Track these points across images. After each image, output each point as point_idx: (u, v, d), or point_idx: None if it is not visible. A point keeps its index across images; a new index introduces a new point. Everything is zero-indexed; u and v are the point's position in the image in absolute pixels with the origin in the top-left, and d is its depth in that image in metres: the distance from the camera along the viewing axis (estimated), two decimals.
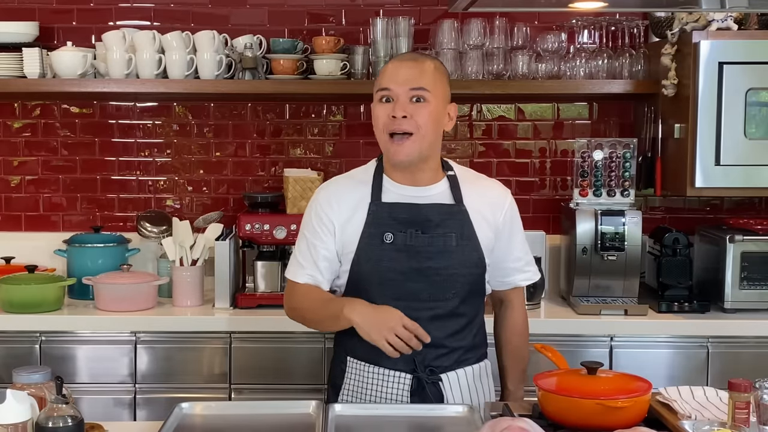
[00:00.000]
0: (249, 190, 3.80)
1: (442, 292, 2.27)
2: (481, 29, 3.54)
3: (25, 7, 3.75)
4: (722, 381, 2.33)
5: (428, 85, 2.23)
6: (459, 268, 2.27)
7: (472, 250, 2.29)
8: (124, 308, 3.27)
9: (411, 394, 2.27)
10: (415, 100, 2.22)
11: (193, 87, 3.53)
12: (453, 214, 2.29)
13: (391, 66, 2.28)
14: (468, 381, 2.34)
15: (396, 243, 2.25)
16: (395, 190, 2.30)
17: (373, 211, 2.27)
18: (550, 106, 3.84)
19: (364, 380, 2.31)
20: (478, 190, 2.35)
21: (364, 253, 2.27)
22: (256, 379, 3.23)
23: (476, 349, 2.38)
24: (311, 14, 3.80)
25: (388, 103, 2.23)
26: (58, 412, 1.82)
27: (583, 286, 3.43)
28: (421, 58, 2.32)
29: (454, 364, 2.31)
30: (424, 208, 2.28)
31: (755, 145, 3.26)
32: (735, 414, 1.95)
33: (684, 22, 3.29)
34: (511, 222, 2.38)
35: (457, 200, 2.31)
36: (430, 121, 2.23)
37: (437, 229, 2.26)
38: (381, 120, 2.24)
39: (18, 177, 3.83)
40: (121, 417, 3.21)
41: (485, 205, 2.34)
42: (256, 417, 2.13)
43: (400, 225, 2.26)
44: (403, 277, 2.25)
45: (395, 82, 2.22)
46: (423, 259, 2.25)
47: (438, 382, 2.29)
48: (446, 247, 2.26)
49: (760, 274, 3.32)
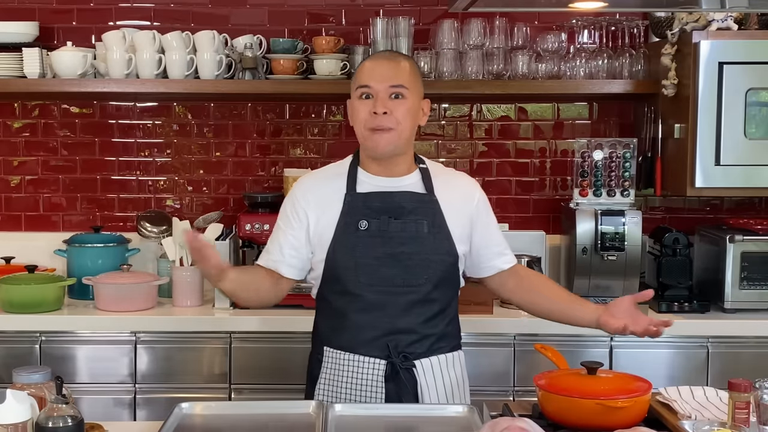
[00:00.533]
0: (249, 190, 3.80)
1: (415, 277, 2.32)
2: (481, 29, 3.54)
3: (25, 7, 3.76)
4: (722, 381, 2.33)
5: (406, 82, 2.31)
6: (431, 254, 2.33)
7: (443, 238, 2.35)
8: (124, 308, 3.27)
9: (385, 380, 2.31)
10: (394, 97, 2.31)
11: (193, 87, 3.53)
12: (425, 203, 2.36)
13: (369, 64, 2.36)
14: (441, 368, 2.37)
15: (370, 230, 2.32)
16: (370, 181, 2.38)
17: (349, 201, 2.35)
18: (550, 106, 3.84)
19: (340, 368, 2.35)
20: (448, 182, 2.43)
21: (339, 240, 2.33)
22: (256, 379, 3.23)
23: (449, 338, 2.41)
24: (311, 14, 3.80)
25: (368, 99, 2.32)
26: (58, 412, 1.82)
27: (583, 286, 3.43)
28: (398, 57, 2.42)
29: (427, 351, 2.35)
30: (397, 195, 2.35)
31: (755, 145, 3.26)
32: (735, 414, 1.95)
33: (684, 22, 3.29)
34: (485, 211, 2.46)
35: (429, 191, 2.38)
36: (408, 116, 2.32)
37: (410, 215, 2.34)
38: (361, 116, 2.33)
39: (18, 177, 3.83)
40: (121, 417, 3.21)
41: (456, 196, 2.41)
42: (256, 417, 2.13)
43: (374, 213, 2.33)
44: (377, 262, 2.31)
45: (375, 80, 2.31)
46: (396, 245, 2.32)
47: (412, 368, 2.32)
48: (418, 233, 2.33)
49: (760, 274, 3.32)
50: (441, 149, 3.85)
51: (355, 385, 2.32)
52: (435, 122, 3.84)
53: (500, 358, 3.23)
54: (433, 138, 3.85)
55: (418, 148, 3.82)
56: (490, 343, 3.23)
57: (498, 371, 3.23)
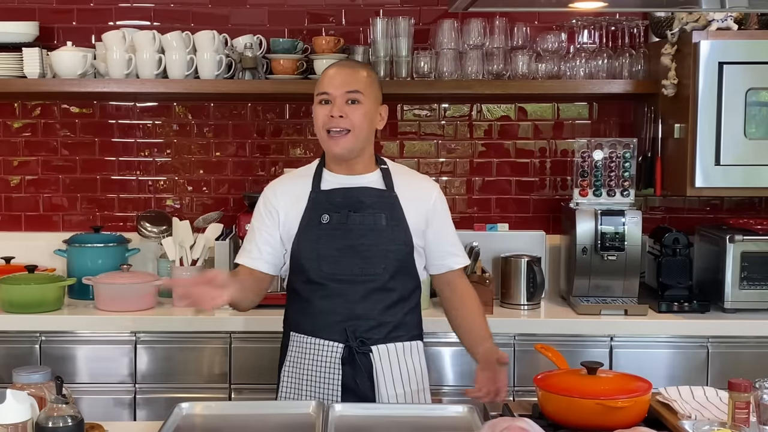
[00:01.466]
0: (249, 190, 3.80)
1: (373, 266, 2.45)
2: (481, 29, 3.54)
3: (25, 7, 3.76)
4: (722, 381, 2.33)
5: (362, 89, 2.46)
6: (388, 244, 2.46)
7: (400, 230, 2.48)
8: (124, 308, 3.27)
9: (342, 363, 2.42)
10: (350, 102, 2.45)
11: (193, 87, 3.53)
12: (384, 198, 2.50)
13: (328, 73, 2.51)
14: (399, 356, 2.47)
15: (332, 223, 2.47)
16: (333, 180, 2.53)
17: (313, 198, 2.50)
18: (550, 106, 3.84)
19: (303, 351, 2.48)
20: (408, 181, 2.57)
21: (303, 233, 2.48)
22: (256, 379, 3.23)
23: (407, 327, 2.52)
24: (311, 14, 3.80)
25: (327, 104, 2.47)
26: (58, 412, 1.82)
27: (583, 286, 3.43)
28: (356, 65, 2.61)
29: (384, 338, 2.46)
30: (357, 191, 2.50)
31: (755, 145, 3.26)
32: (735, 414, 1.96)
33: (684, 22, 3.29)
34: (441, 210, 2.58)
35: (389, 187, 2.52)
36: (364, 120, 2.46)
37: (368, 209, 2.48)
38: (320, 119, 2.48)
39: (18, 177, 3.83)
40: (121, 417, 3.21)
41: (414, 194, 2.54)
42: (256, 417, 2.14)
43: (336, 207, 2.48)
44: (338, 253, 2.45)
45: (332, 86, 2.47)
46: (356, 237, 2.45)
47: (368, 353, 2.43)
48: (377, 225, 2.47)
49: (760, 274, 3.32)
50: (441, 149, 3.85)
51: (315, 367, 2.44)
52: (435, 122, 3.84)
53: None
54: (433, 138, 3.85)
55: (418, 148, 3.83)
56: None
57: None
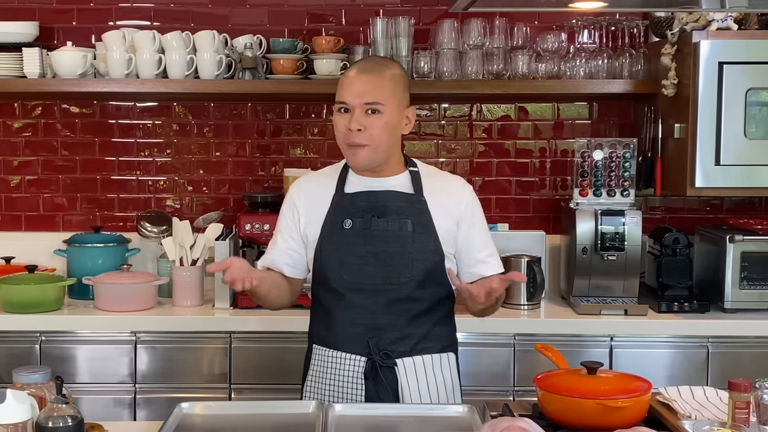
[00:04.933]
0: (249, 190, 3.80)
1: (397, 276, 2.33)
2: (481, 29, 3.54)
3: (25, 7, 3.76)
4: (722, 381, 2.33)
5: (382, 98, 2.30)
6: (414, 253, 2.33)
7: (428, 237, 2.35)
8: (124, 308, 3.27)
9: (365, 377, 2.32)
10: (370, 112, 2.30)
11: (193, 87, 3.53)
12: (412, 203, 2.37)
13: (348, 78, 2.35)
14: (426, 369, 2.36)
15: (354, 228, 2.35)
16: (357, 182, 2.41)
17: (336, 201, 2.39)
18: (550, 106, 3.84)
19: (325, 364, 2.38)
20: (438, 184, 2.43)
21: (325, 239, 2.37)
22: (256, 379, 3.23)
23: (437, 338, 2.39)
24: (311, 14, 3.80)
25: (347, 113, 2.32)
26: (58, 412, 1.82)
27: (583, 286, 3.43)
28: (378, 69, 2.37)
29: (411, 351, 2.35)
30: (382, 194, 2.37)
31: (755, 145, 3.26)
32: (735, 414, 1.95)
33: (684, 22, 3.29)
34: (472, 213, 2.42)
35: (417, 191, 2.39)
36: (384, 132, 2.31)
37: (394, 214, 2.35)
38: (339, 130, 2.34)
39: (18, 177, 3.83)
40: (121, 417, 3.21)
41: (445, 198, 2.40)
42: (256, 417, 2.13)
43: (360, 212, 2.36)
44: (360, 261, 2.33)
45: (350, 95, 2.31)
46: (379, 243, 2.33)
47: (393, 366, 2.33)
48: (402, 232, 2.34)
49: (760, 274, 3.32)
50: (441, 149, 3.85)
51: (337, 382, 2.35)
52: (435, 122, 3.84)
53: (500, 358, 3.23)
54: (433, 138, 3.85)
55: (418, 148, 3.83)
56: (489, 343, 3.23)
57: (498, 371, 3.23)
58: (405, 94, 2.38)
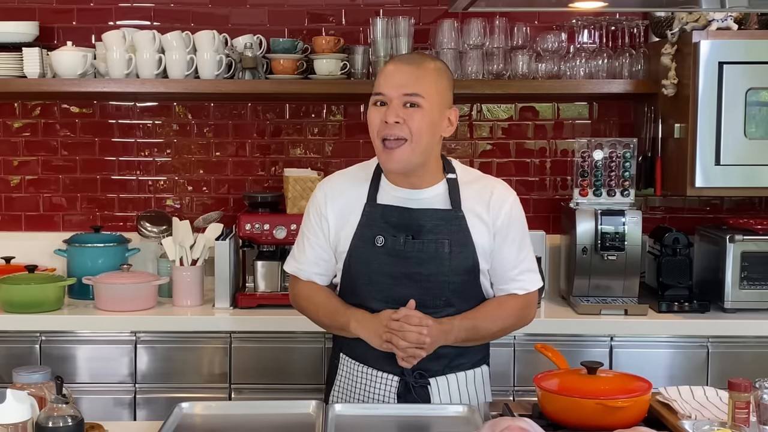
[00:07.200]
0: (249, 189, 3.80)
1: (432, 298, 2.23)
2: (481, 29, 3.54)
3: (25, 7, 3.75)
4: (722, 381, 2.33)
5: (423, 91, 2.17)
6: (450, 275, 2.23)
7: (466, 256, 2.24)
8: (124, 308, 3.27)
9: (398, 397, 2.26)
10: (408, 105, 2.16)
11: (193, 87, 3.53)
12: (449, 220, 2.23)
13: (387, 69, 2.22)
14: (460, 387, 2.31)
15: (386, 246, 2.22)
16: (391, 192, 2.27)
17: (367, 212, 2.26)
18: (550, 106, 3.84)
19: (354, 378, 2.32)
20: (478, 192, 2.28)
21: (355, 254, 2.26)
22: (256, 379, 3.23)
23: (470, 354, 2.34)
24: (311, 14, 3.80)
25: (383, 107, 2.18)
26: (58, 411, 1.82)
27: (583, 286, 3.43)
28: (422, 61, 2.24)
29: (444, 369, 2.28)
30: (417, 212, 2.24)
31: (755, 145, 3.26)
32: (735, 414, 1.95)
33: (684, 22, 3.29)
34: (511, 224, 2.29)
35: (455, 205, 2.25)
36: (424, 126, 2.17)
37: (429, 235, 2.22)
38: (374, 124, 2.19)
39: (18, 177, 3.83)
40: (121, 417, 3.21)
41: (484, 208, 2.27)
42: (256, 417, 2.13)
43: (392, 229, 2.23)
44: (392, 281, 2.23)
45: (389, 86, 2.17)
46: (413, 265, 2.22)
47: (426, 386, 2.26)
48: (438, 253, 2.21)
49: (760, 274, 3.32)
50: (441, 149, 3.83)
51: (367, 398, 2.28)
52: None
53: (500, 358, 3.22)
54: None
55: None
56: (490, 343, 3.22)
57: (498, 371, 3.22)
58: (448, 92, 2.25)
